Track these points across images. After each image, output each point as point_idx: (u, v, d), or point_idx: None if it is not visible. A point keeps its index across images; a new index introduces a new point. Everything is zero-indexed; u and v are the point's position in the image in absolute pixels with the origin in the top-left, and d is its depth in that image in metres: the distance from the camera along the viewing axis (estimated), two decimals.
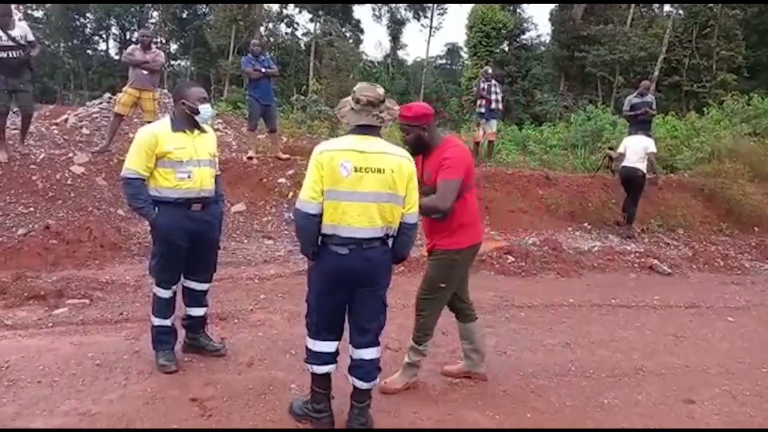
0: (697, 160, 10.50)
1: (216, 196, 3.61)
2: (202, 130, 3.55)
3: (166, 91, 12.64)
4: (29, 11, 38.54)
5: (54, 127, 9.73)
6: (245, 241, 6.74)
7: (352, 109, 2.72)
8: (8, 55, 6.23)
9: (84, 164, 7.18)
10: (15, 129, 7.61)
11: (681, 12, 26.20)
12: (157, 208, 3.38)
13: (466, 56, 33.25)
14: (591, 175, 9.56)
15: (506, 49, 30.77)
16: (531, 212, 8.43)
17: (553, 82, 28.15)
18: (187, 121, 3.46)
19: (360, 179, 2.62)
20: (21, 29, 6.40)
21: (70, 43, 38.84)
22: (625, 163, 8.01)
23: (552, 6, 29.89)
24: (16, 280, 4.75)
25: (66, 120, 10.22)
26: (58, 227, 5.89)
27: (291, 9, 36.23)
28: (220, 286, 4.88)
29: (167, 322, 3.50)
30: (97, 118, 10.20)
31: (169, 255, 3.43)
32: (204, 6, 36.58)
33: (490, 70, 10.23)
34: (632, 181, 7.98)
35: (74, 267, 5.39)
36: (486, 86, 9.71)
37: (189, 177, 3.38)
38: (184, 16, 36.78)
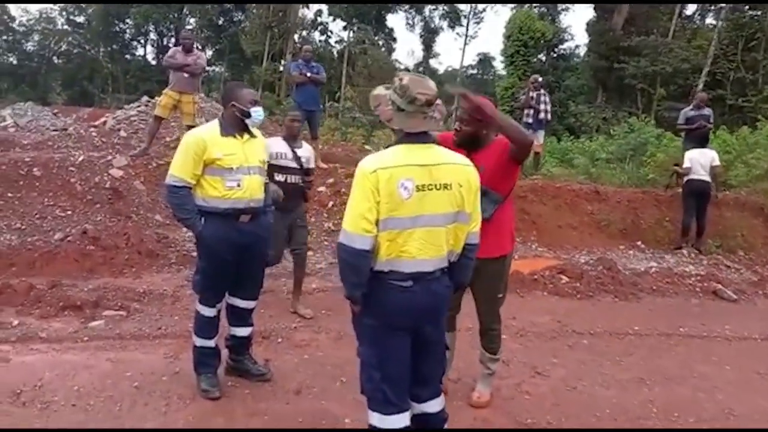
0: (754, 177, 9.94)
1: (264, 206, 3.34)
2: (252, 135, 3.29)
3: (202, 95, 12.57)
4: (71, 17, 39.54)
5: (93, 129, 9.68)
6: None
7: (402, 109, 2.18)
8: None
9: (122, 167, 7.03)
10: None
11: (725, 24, 25.27)
12: (203, 219, 3.12)
13: (499, 66, 32.79)
14: (642, 190, 9.07)
15: (543, 59, 30.16)
16: (580, 228, 8.00)
17: (589, 94, 27.39)
18: (237, 125, 3.21)
19: (423, 199, 2.13)
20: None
21: (109, 48, 39.58)
22: (693, 176, 7.73)
23: (589, 16, 29.28)
24: (51, 288, 4.56)
25: (104, 122, 10.17)
26: (96, 232, 5.72)
27: (325, 17, 36.25)
28: (260, 299, 4.60)
29: (210, 343, 3.23)
30: (135, 120, 10.11)
31: (215, 270, 3.17)
32: (240, 13, 36.88)
33: (540, 78, 9.71)
34: (702, 194, 7.73)
35: (111, 275, 5.19)
36: (535, 95, 9.20)
37: (238, 186, 3.12)
38: (221, 22, 37.13)
